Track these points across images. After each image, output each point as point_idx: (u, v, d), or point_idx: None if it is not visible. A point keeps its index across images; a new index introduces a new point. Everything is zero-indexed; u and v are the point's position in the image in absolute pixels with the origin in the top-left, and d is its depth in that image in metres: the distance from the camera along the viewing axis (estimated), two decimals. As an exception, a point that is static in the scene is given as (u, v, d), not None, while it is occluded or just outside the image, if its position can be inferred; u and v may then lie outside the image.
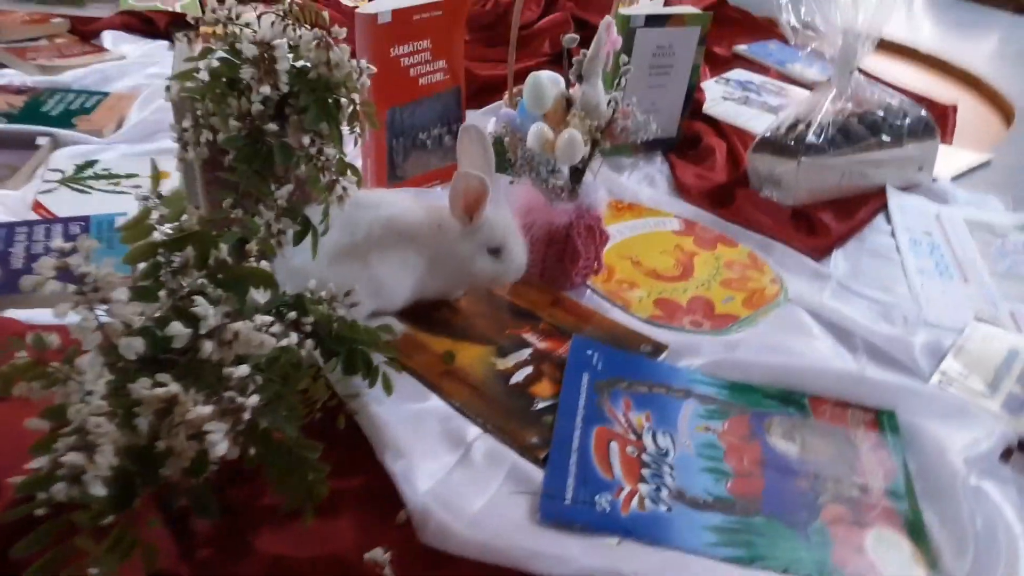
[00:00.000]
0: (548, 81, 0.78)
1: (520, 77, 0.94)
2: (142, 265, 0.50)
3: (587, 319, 0.83)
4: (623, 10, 1.14)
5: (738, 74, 1.55)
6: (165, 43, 1.41)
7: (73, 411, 0.41)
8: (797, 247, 0.99)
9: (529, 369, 0.75)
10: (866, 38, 1.09)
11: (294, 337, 0.59)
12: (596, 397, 0.72)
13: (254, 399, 0.46)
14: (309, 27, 0.68)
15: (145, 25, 1.44)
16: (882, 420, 0.74)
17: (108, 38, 1.38)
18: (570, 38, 0.78)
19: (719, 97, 1.44)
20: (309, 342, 0.62)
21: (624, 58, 0.81)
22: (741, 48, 1.69)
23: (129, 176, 1.02)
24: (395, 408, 0.68)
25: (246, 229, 0.62)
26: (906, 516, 0.65)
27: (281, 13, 0.67)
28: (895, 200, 1.11)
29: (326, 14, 0.69)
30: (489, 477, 0.64)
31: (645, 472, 0.66)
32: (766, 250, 0.99)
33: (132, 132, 1.10)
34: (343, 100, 0.70)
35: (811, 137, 1.06)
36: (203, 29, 0.63)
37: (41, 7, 1.48)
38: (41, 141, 1.05)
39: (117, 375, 0.44)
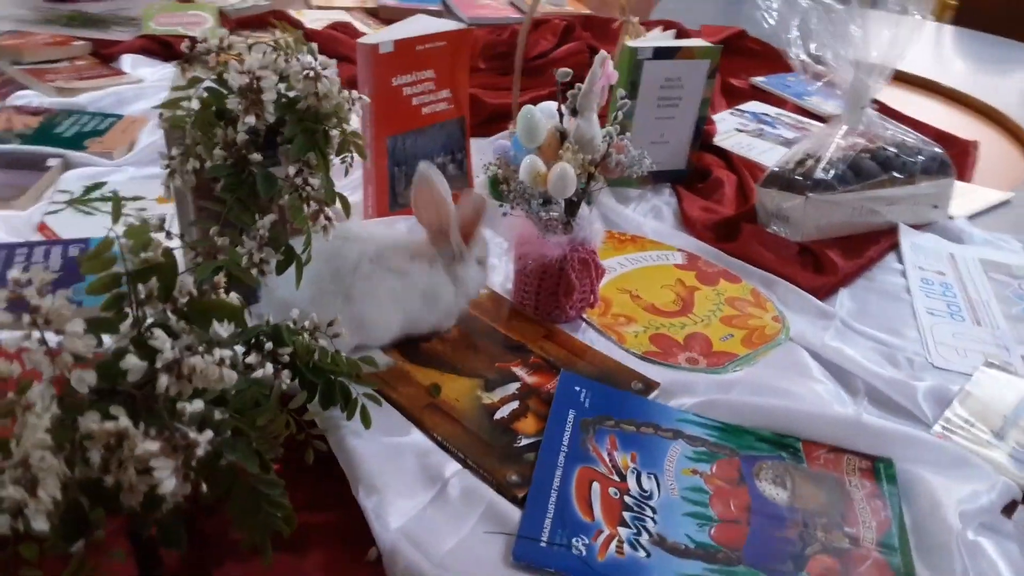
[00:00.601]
0: (541, 115, 0.77)
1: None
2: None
3: (579, 354, 0.81)
4: (631, 42, 1.13)
5: (754, 106, 1.54)
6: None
7: (14, 444, 0.40)
8: (802, 285, 0.96)
9: (515, 404, 0.74)
10: (879, 73, 1.07)
11: (269, 368, 0.59)
12: (581, 435, 0.71)
13: (207, 435, 0.45)
14: (297, 59, 0.68)
15: (164, 49, 1.46)
16: (878, 468, 0.71)
17: (127, 61, 1.41)
18: (563, 72, 0.78)
19: (732, 129, 1.42)
20: (285, 373, 0.61)
21: (621, 92, 0.80)
22: (758, 80, 1.68)
23: (136, 198, 1.03)
24: (373, 441, 0.67)
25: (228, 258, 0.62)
26: (898, 570, 0.62)
27: (271, 44, 0.68)
28: (908, 238, 1.09)
29: (315, 46, 0.69)
30: (464, 515, 0.63)
31: (627, 515, 0.64)
32: (769, 287, 0.97)
33: (142, 155, 1.12)
34: (333, 131, 0.70)
35: (820, 173, 1.04)
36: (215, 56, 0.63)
37: (65, 30, 1.51)
38: (51, 162, 1.07)
39: (69, 408, 0.43)
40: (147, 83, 1.34)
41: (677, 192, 1.19)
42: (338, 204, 0.71)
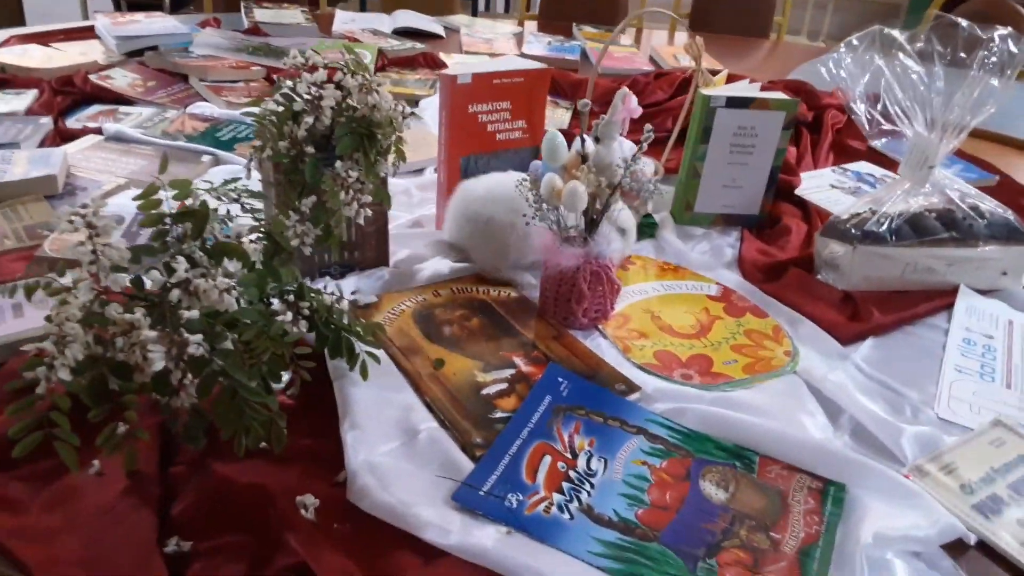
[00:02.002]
0: (562, 139, 0.88)
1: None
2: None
3: (578, 354, 0.90)
4: (705, 90, 1.21)
5: (862, 166, 1.54)
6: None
7: (54, 314, 0.56)
8: (826, 326, 0.99)
9: (504, 385, 0.84)
10: (949, 132, 1.08)
11: (288, 316, 0.74)
12: (549, 417, 0.79)
13: (198, 337, 0.60)
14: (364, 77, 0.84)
15: (322, 78, 1.70)
16: (828, 490, 0.74)
17: (290, 86, 1.66)
18: (583, 103, 0.88)
19: (828, 184, 1.44)
20: (303, 323, 0.76)
21: (649, 125, 0.89)
22: (878, 143, 1.67)
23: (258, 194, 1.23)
24: (369, 391, 0.79)
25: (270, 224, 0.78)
26: (809, 577, 0.66)
27: (340, 64, 0.84)
28: (965, 301, 1.08)
29: (371, 65, 0.84)
30: (425, 462, 0.73)
31: (566, 485, 0.72)
32: (794, 325, 1.00)
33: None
34: (380, 136, 0.85)
35: (872, 225, 1.06)
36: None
37: (249, 57, 1.80)
38: (204, 159, 1.31)
39: (103, 301, 0.59)
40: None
41: (743, 235, 1.24)
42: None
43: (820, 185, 1.44)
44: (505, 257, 1.01)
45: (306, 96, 0.82)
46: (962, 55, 1.08)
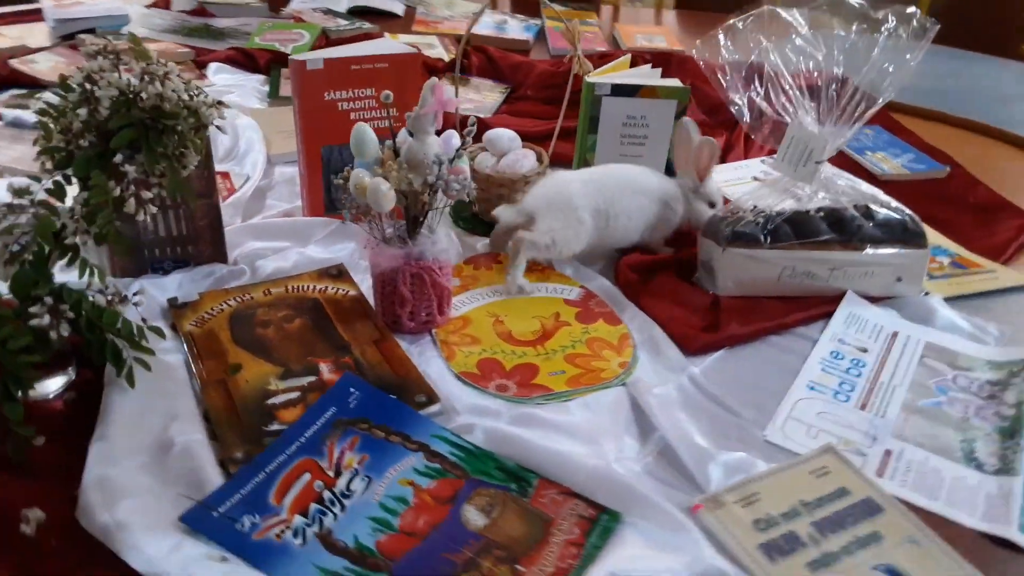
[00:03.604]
0: (371, 132, 0.82)
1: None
2: None
3: (391, 361, 0.85)
4: (590, 77, 1.13)
5: (795, 157, 1.45)
6: (259, 77, 1.63)
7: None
8: (678, 335, 0.92)
9: (295, 395, 0.80)
10: (842, 123, 1.00)
11: (46, 319, 0.71)
12: (327, 431, 0.75)
13: None
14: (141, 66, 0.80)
15: (248, 60, 1.67)
16: (600, 520, 0.68)
17: (212, 69, 1.62)
18: (385, 95, 0.82)
19: (750, 176, 1.35)
20: (64, 325, 0.72)
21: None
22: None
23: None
24: (135, 400, 0.76)
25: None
26: (543, 620, 0.60)
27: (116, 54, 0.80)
28: (848, 309, 0.99)
29: (154, 55, 0.80)
30: (173, 477, 0.70)
31: (314, 507, 0.68)
32: (645, 332, 0.93)
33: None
34: (180, 127, 0.81)
35: (745, 225, 0.98)
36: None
37: (185, 39, 1.77)
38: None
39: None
40: (217, 87, 1.55)
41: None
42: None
43: (742, 177, 1.35)
44: (560, 248, 1.00)
45: (80, 87, 0.78)
46: (854, 37, 0.99)
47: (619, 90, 1.12)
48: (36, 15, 1.89)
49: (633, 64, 1.25)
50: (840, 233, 0.99)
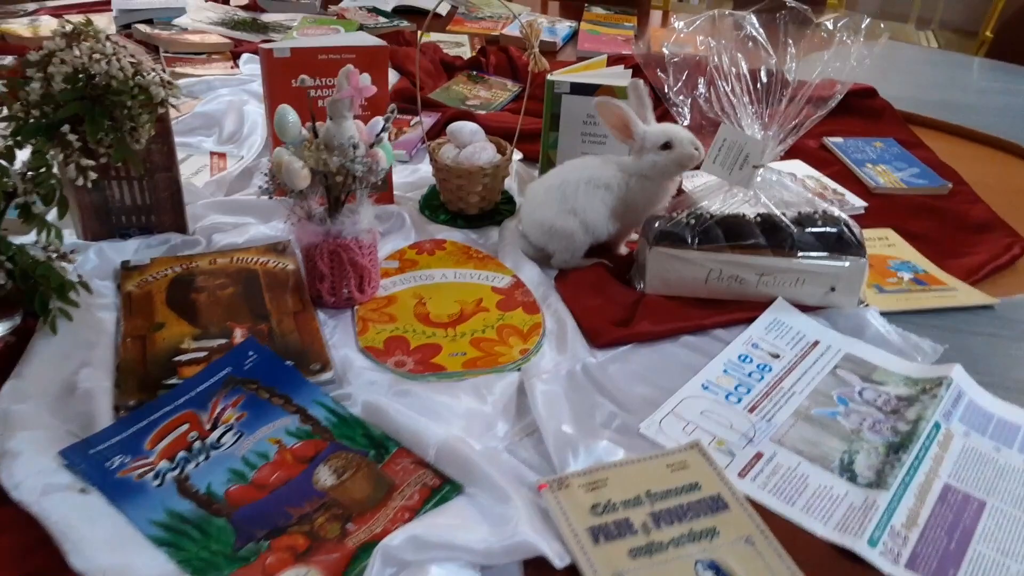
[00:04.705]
0: (293, 115, 0.88)
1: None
2: None
3: (302, 330, 0.90)
4: (552, 76, 1.16)
5: (785, 165, 1.43)
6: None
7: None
8: (589, 328, 0.94)
9: (203, 354, 0.86)
10: (783, 129, 0.99)
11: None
12: (215, 388, 0.81)
13: None
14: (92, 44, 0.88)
15: (276, 52, 1.77)
16: (441, 489, 0.72)
17: (244, 59, 1.73)
18: (301, 78, 0.88)
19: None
20: (2, 274, 0.82)
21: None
22: (833, 141, 1.54)
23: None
24: (58, 346, 0.84)
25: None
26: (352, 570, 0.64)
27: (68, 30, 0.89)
28: (773, 315, 0.98)
29: (115, 37, 0.88)
30: (69, 416, 0.77)
31: (181, 454, 0.74)
32: (560, 324, 0.96)
33: (174, 126, 1.40)
34: (129, 104, 0.89)
35: (674, 225, 0.99)
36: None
37: (230, 31, 1.89)
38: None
39: None
40: (242, 76, 1.65)
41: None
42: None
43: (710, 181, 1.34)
44: (576, 250, 1.05)
45: (38, 63, 0.87)
46: (791, 42, 0.99)
47: (578, 88, 1.15)
48: (107, 5, 2.05)
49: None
50: (772, 238, 0.99)
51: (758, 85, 1.00)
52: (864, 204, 1.31)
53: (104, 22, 1.91)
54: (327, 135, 0.89)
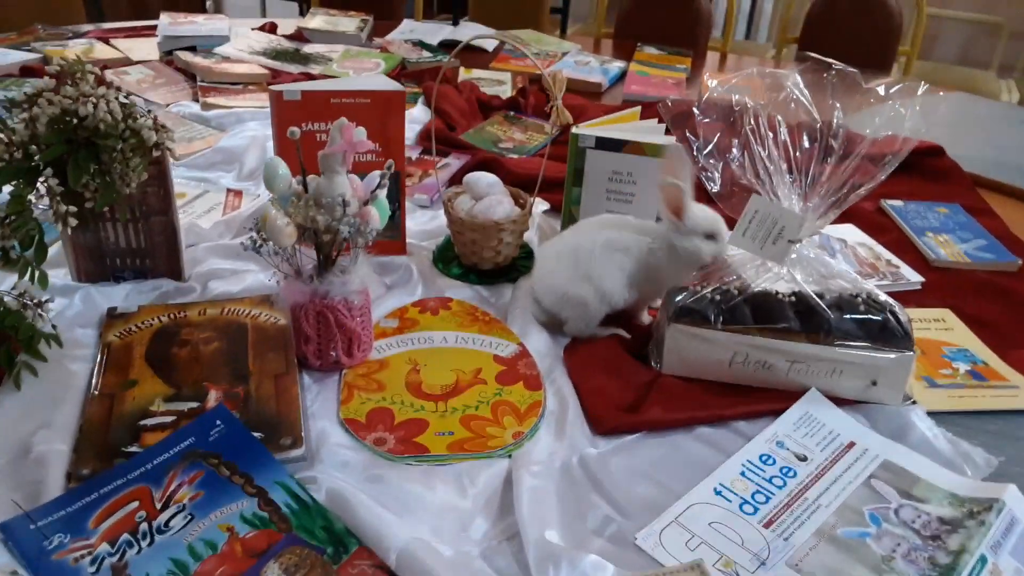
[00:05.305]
0: (282, 167, 0.82)
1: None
2: None
3: (281, 396, 0.84)
4: (577, 129, 1.09)
5: (837, 230, 1.31)
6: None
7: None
8: (595, 411, 0.85)
9: (170, 419, 0.80)
10: (824, 201, 0.90)
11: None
12: (176, 461, 0.75)
13: None
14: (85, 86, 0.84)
15: (314, 85, 1.73)
16: (396, 604, 0.64)
17: (281, 91, 1.70)
18: (292, 131, 0.82)
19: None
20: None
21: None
22: (892, 204, 1.42)
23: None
24: (19, 402, 0.79)
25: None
26: None
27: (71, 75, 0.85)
28: (804, 408, 0.88)
29: (92, 76, 0.84)
30: (18, 483, 0.72)
31: (124, 537, 0.68)
32: (560, 403, 0.87)
33: (195, 160, 1.37)
34: (120, 146, 0.85)
35: (697, 300, 0.90)
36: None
37: (270, 61, 1.87)
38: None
39: None
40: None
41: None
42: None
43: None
44: (590, 320, 0.97)
45: (24, 105, 0.83)
46: (838, 105, 0.89)
47: (604, 143, 1.07)
48: (153, 30, 2.06)
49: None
50: (807, 322, 0.89)
51: (798, 152, 0.91)
52: (921, 279, 1.19)
53: (148, 48, 1.91)
54: (317, 191, 0.83)
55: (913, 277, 1.19)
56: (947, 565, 0.70)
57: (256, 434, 0.78)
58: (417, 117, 1.60)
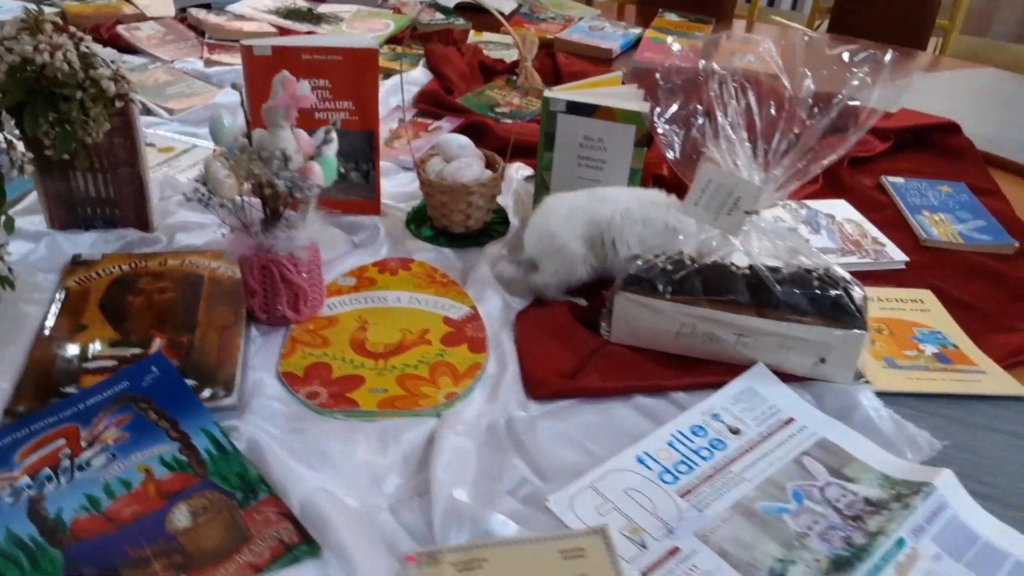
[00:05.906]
0: (227, 120, 0.83)
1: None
2: None
3: (222, 347, 0.85)
4: (548, 92, 1.07)
5: (826, 205, 1.28)
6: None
7: None
8: (532, 376, 0.85)
9: (111, 363, 0.83)
10: (784, 173, 0.87)
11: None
12: (108, 404, 0.77)
13: None
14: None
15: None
16: (295, 549, 0.65)
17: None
18: (234, 84, 0.82)
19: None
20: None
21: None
22: (892, 181, 1.37)
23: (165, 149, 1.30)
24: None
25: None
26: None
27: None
28: (746, 382, 0.86)
29: (50, 27, 0.86)
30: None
31: (45, 472, 0.70)
32: (500, 367, 0.87)
33: (189, 116, 1.39)
34: (80, 95, 0.87)
35: (646, 269, 0.89)
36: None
37: (280, 19, 1.88)
38: (133, 106, 1.40)
39: None
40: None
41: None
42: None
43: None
44: (567, 283, 0.98)
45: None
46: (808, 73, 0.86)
47: (575, 108, 1.05)
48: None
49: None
50: (757, 295, 0.87)
51: (762, 121, 0.88)
52: (905, 259, 1.15)
53: (165, 5, 1.94)
54: (259, 144, 0.83)
55: (898, 256, 1.15)
56: (861, 546, 0.69)
57: (190, 382, 0.80)
58: (416, 79, 1.60)
